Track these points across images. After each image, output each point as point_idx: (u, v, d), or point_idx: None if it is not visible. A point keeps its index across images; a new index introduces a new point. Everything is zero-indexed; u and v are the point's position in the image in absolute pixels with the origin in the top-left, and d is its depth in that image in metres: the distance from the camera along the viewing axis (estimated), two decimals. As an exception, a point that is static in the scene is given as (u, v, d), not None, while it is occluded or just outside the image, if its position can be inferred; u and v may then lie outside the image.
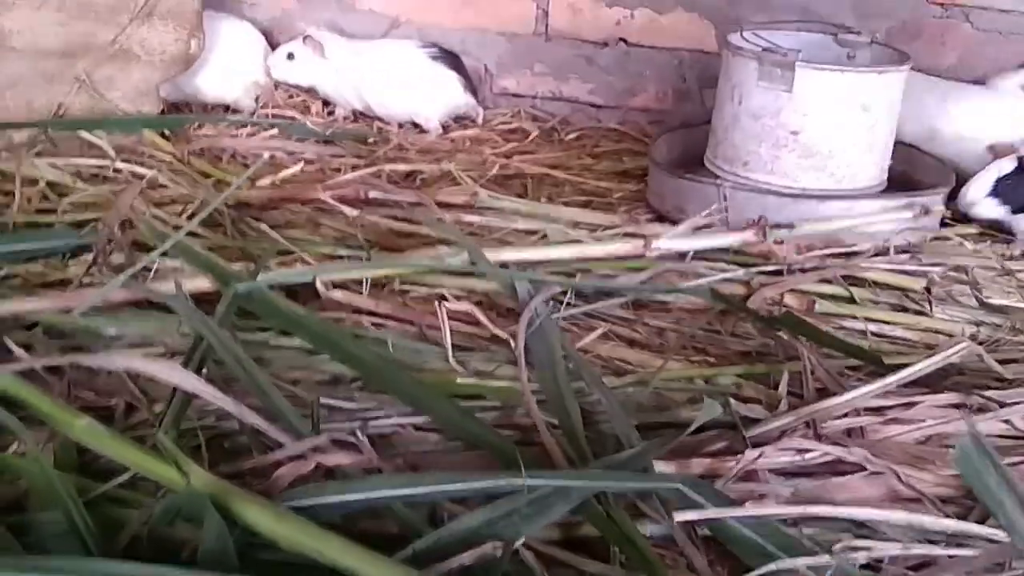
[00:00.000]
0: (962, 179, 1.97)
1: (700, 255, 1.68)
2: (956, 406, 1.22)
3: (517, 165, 2.23)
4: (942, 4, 2.31)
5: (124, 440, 1.00)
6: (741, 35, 1.96)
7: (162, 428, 1.06)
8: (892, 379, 1.18)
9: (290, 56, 2.39)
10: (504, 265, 1.54)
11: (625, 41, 2.47)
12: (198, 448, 1.12)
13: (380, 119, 2.44)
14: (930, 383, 1.25)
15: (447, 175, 2.10)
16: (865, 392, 1.17)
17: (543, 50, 2.50)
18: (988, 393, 1.19)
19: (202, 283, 1.42)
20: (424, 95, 2.39)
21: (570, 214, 1.86)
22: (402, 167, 2.09)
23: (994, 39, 2.31)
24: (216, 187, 1.93)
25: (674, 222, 1.92)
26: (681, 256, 1.64)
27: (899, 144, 2.03)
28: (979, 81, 2.27)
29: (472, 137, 2.40)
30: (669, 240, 1.57)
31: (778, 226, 1.62)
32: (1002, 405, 1.20)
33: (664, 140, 2.20)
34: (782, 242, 1.63)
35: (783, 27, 2.10)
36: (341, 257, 1.67)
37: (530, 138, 2.40)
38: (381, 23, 2.54)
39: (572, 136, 2.46)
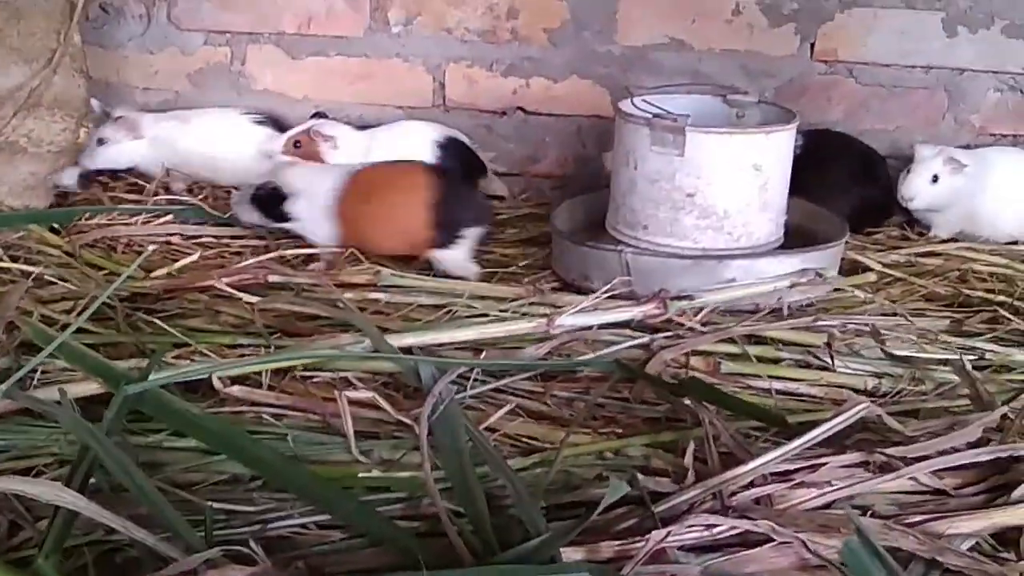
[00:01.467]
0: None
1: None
2: (861, 464, 1.22)
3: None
4: (826, 61, 2.38)
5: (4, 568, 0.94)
6: (631, 102, 1.99)
7: (43, 552, 1.00)
8: (795, 444, 1.18)
9: (100, 141, 2.33)
10: (408, 349, 1.51)
11: (523, 110, 2.49)
12: (85, 567, 1.07)
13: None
14: (834, 443, 1.25)
15: (351, 252, 2.08)
16: (770, 459, 1.16)
17: (442, 121, 2.50)
18: (891, 451, 1.19)
19: (91, 386, 1.37)
20: (249, 162, 2.34)
21: (474, 288, 1.85)
22: (304, 249, 2.06)
23: (878, 92, 2.39)
24: (108, 280, 1.87)
25: (579, 290, 1.93)
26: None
27: (794, 198, 2.07)
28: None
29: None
30: (571, 316, 1.57)
31: (678, 297, 1.63)
32: (906, 461, 1.20)
33: (566, 207, 2.21)
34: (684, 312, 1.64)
35: (674, 91, 2.14)
36: (241, 346, 1.64)
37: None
38: (278, 102, 2.52)
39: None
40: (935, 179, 2.17)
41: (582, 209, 2.24)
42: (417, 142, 2.30)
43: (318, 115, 2.36)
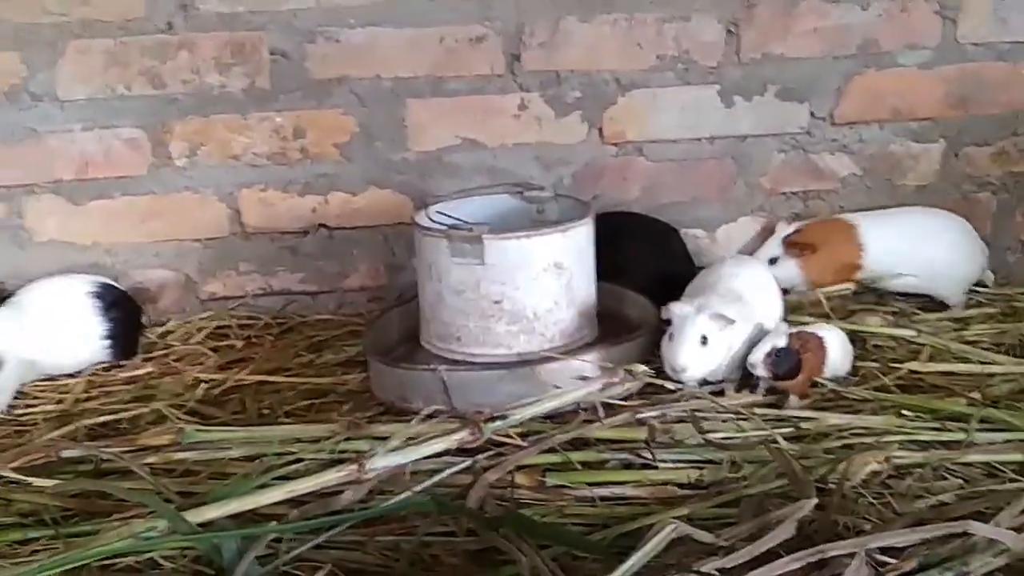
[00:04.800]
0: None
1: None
2: (683, 584, 1.19)
3: (235, 378, 2.12)
4: (616, 143, 2.42)
5: None
6: (427, 215, 1.97)
7: None
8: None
9: None
10: (209, 522, 1.42)
11: (326, 226, 2.43)
12: None
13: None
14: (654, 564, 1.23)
15: (154, 410, 1.96)
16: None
17: (244, 248, 2.42)
18: (707, 567, 1.17)
19: None
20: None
21: (287, 431, 1.77)
22: (101, 418, 1.93)
23: (670, 168, 2.45)
24: None
25: (401, 411, 1.88)
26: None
27: (603, 284, 2.07)
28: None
29: (180, 355, 2.26)
30: (383, 458, 1.50)
31: (492, 418, 1.59)
32: (723, 574, 1.18)
33: (380, 324, 2.16)
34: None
35: (470, 194, 2.13)
36: (33, 540, 1.51)
37: (239, 346, 2.29)
38: (66, 251, 2.38)
39: (290, 330, 2.37)
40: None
41: (397, 322, 2.20)
42: (72, 298, 2.20)
43: None
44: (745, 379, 1.90)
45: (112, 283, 2.28)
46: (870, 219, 2.34)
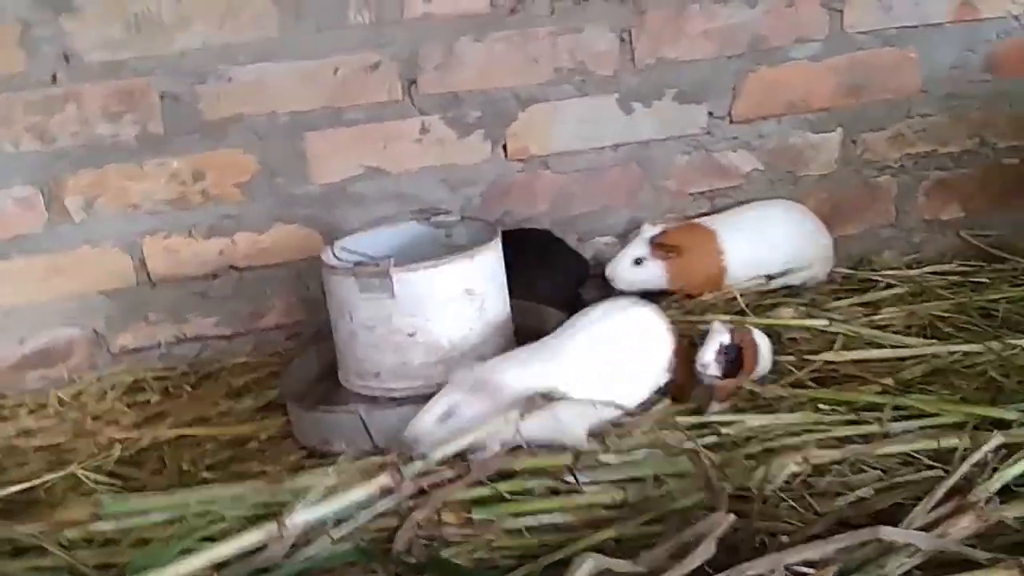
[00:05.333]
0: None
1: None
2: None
3: (153, 434, 2.07)
4: (521, 159, 2.42)
5: None
6: (333, 253, 1.95)
7: None
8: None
9: None
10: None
11: (235, 267, 2.39)
12: None
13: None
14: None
15: (69, 476, 1.90)
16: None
17: (153, 298, 2.37)
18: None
19: None
20: None
21: (205, 494, 1.72)
22: (14, 488, 1.86)
23: (576, 178, 2.46)
24: None
25: (324, 454, 1.85)
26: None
27: (521, 302, 2.07)
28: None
29: (96, 414, 2.20)
30: (303, 512, 1.47)
31: (411, 459, 1.57)
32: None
33: (297, 365, 2.13)
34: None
35: (376, 226, 2.11)
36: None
37: (156, 400, 2.23)
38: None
39: (207, 377, 2.33)
40: (638, 261, 2.27)
41: (317, 360, 2.17)
42: None
43: None
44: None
45: None
46: (725, 223, 2.40)
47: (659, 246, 2.31)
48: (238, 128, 2.30)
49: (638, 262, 2.31)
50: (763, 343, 1.94)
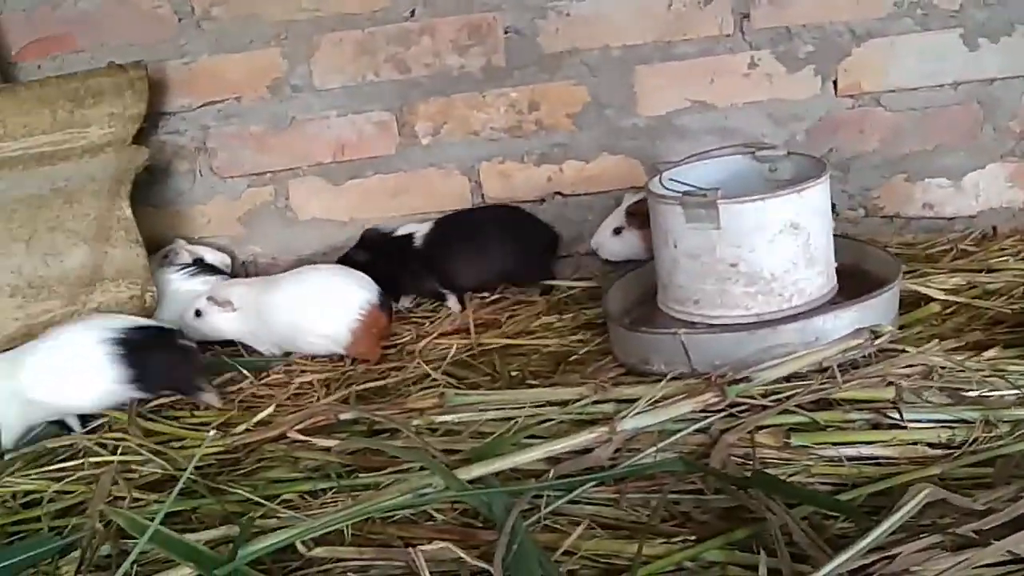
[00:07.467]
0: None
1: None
2: (937, 545, 1.20)
3: (484, 341, 2.26)
4: (852, 95, 2.37)
5: None
6: (660, 181, 2.01)
7: None
8: (864, 543, 1.17)
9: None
10: (476, 479, 1.55)
11: (561, 194, 2.53)
12: None
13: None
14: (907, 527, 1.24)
15: (416, 372, 2.13)
16: (844, 560, 1.16)
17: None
18: (964, 529, 1.18)
19: (184, 570, 1.44)
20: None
21: (536, 395, 1.87)
22: (371, 384, 2.11)
23: (911, 117, 2.37)
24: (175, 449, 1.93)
25: (642, 374, 1.95)
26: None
27: (843, 239, 2.05)
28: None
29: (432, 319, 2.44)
30: (633, 419, 1.58)
31: (736, 381, 1.63)
32: (981, 535, 1.19)
33: (618, 288, 2.23)
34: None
35: (702, 157, 2.15)
36: (323, 491, 1.69)
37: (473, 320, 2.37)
38: (326, 227, 2.60)
39: (530, 297, 2.50)
40: (617, 231, 2.32)
41: (636, 285, 2.26)
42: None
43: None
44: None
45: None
46: None
47: (633, 215, 2.28)
48: (572, 61, 2.42)
49: (617, 232, 2.34)
50: None
